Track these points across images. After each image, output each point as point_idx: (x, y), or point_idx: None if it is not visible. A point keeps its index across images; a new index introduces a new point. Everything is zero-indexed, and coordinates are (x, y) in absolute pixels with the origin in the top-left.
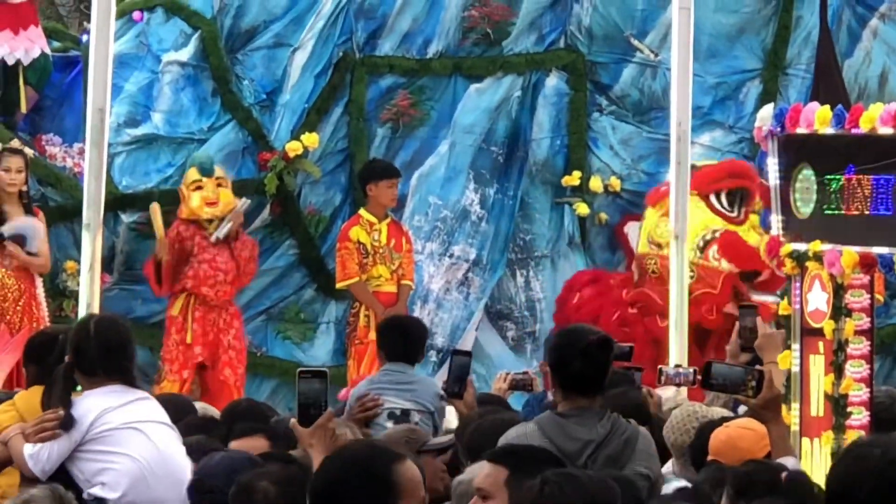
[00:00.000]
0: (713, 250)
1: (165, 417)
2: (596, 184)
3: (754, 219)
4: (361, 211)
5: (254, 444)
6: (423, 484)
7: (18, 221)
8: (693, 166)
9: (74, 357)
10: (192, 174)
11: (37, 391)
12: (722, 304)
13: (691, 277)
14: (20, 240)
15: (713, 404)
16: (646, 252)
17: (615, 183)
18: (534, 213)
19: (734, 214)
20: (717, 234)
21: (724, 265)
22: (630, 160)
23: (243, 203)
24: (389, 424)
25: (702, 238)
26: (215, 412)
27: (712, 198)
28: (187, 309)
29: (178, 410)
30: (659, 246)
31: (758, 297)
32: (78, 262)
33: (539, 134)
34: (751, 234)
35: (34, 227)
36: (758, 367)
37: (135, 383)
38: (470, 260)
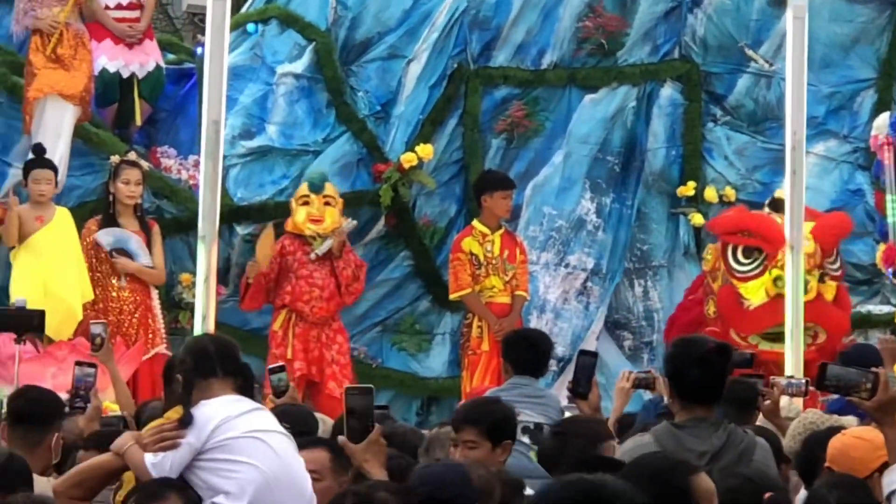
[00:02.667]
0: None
1: (281, 427)
2: (711, 194)
3: (774, 273)
4: (475, 222)
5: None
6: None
7: (115, 234)
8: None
9: (195, 362)
10: (303, 189)
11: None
12: None
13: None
14: (124, 252)
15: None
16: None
17: (730, 193)
18: (650, 223)
19: (747, 269)
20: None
21: None
22: (745, 170)
23: (349, 223)
24: (525, 439)
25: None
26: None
27: (729, 249)
28: (288, 324)
29: (297, 422)
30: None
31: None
32: (193, 274)
33: (654, 144)
34: (757, 292)
35: (131, 237)
36: (874, 369)
37: (251, 394)
38: (587, 269)
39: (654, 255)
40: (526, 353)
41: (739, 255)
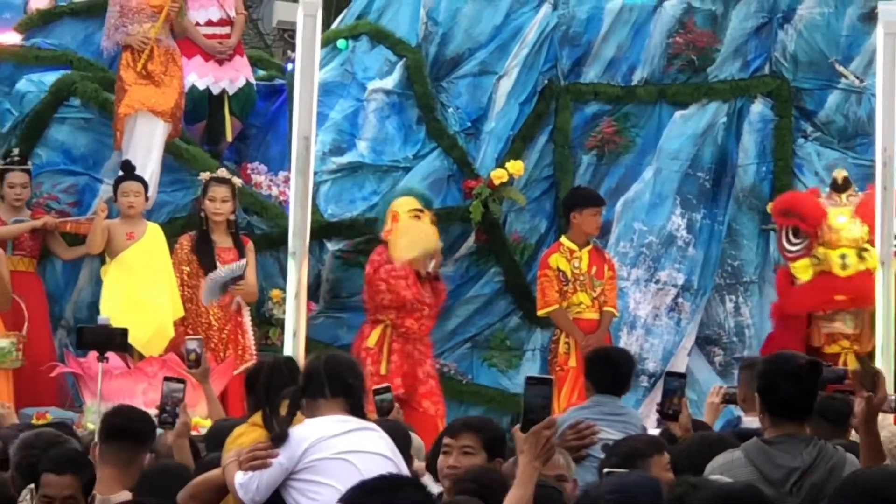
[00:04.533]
0: None
1: (385, 448)
2: None
3: (820, 252)
4: (562, 238)
5: None
6: None
7: (230, 266)
8: None
9: (305, 382)
10: (412, 202)
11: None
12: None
13: None
14: (239, 280)
15: None
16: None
17: None
18: (741, 239)
19: (797, 249)
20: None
21: None
22: None
23: (440, 245)
24: (602, 455)
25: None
26: (421, 444)
27: (783, 231)
28: (384, 340)
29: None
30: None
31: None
32: (283, 290)
33: (745, 160)
34: (805, 270)
35: (241, 265)
36: None
37: (360, 412)
38: (678, 285)
39: (744, 271)
40: (606, 372)
41: (791, 236)
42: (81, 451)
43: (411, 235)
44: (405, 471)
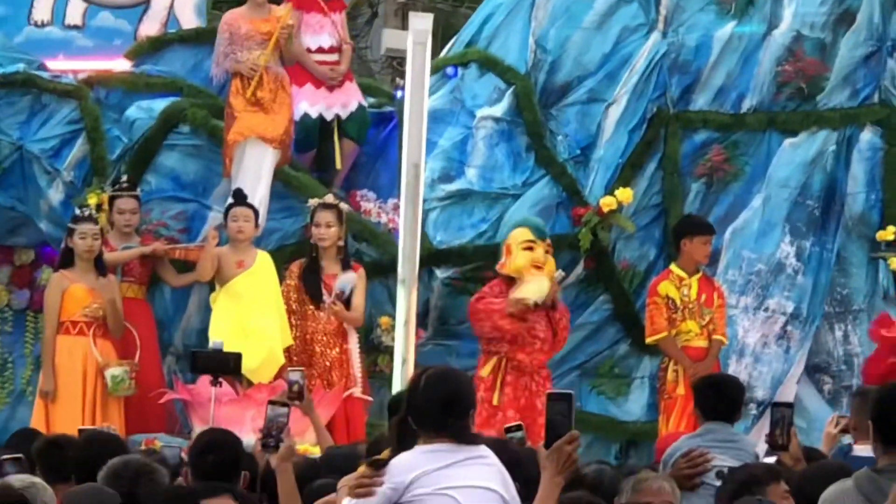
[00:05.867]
0: None
1: (493, 479)
2: None
3: None
4: (672, 266)
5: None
6: None
7: (343, 278)
8: None
9: (407, 411)
10: (525, 233)
11: None
12: None
13: None
14: (342, 297)
15: None
16: None
17: None
18: (850, 267)
19: None
20: None
21: None
22: None
23: (559, 274)
24: (717, 483)
25: None
26: None
27: None
28: (498, 371)
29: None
30: None
31: None
32: (392, 317)
33: (854, 188)
34: None
35: (351, 280)
36: None
37: (467, 439)
38: (787, 313)
39: (854, 300)
40: (714, 400)
41: None
42: (168, 484)
43: (531, 285)
44: (515, 500)
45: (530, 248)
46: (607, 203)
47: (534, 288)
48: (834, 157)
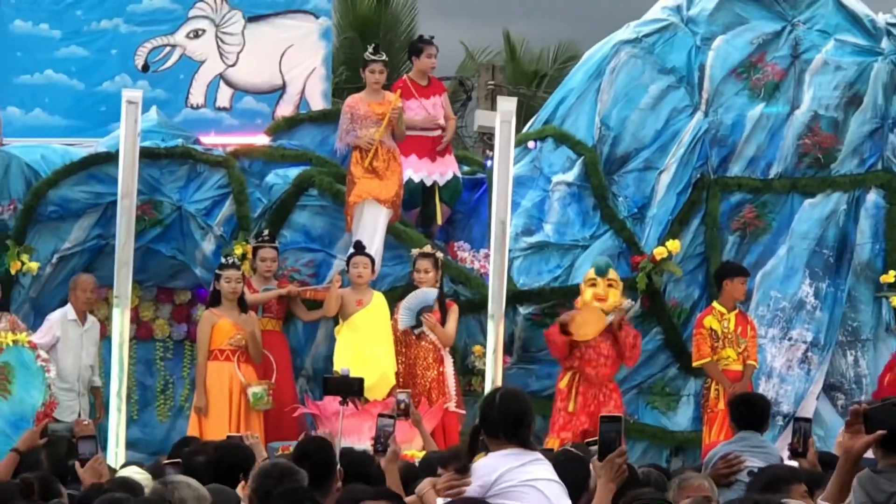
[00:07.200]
0: None
1: (555, 475)
2: None
3: None
4: (714, 303)
5: None
6: None
7: (420, 293)
8: None
9: (481, 422)
10: (590, 273)
11: None
12: None
13: None
14: (428, 310)
15: None
16: None
17: None
18: (859, 304)
19: None
20: None
21: None
22: None
23: (628, 303)
24: (748, 480)
25: None
26: None
27: None
28: (573, 383)
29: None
30: None
31: None
32: (484, 346)
33: (862, 240)
34: None
35: (432, 294)
36: None
37: (530, 446)
38: (807, 342)
39: (862, 331)
40: (746, 413)
41: None
42: (306, 487)
43: (586, 320)
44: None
45: (593, 285)
46: (659, 252)
47: (586, 331)
48: (845, 215)
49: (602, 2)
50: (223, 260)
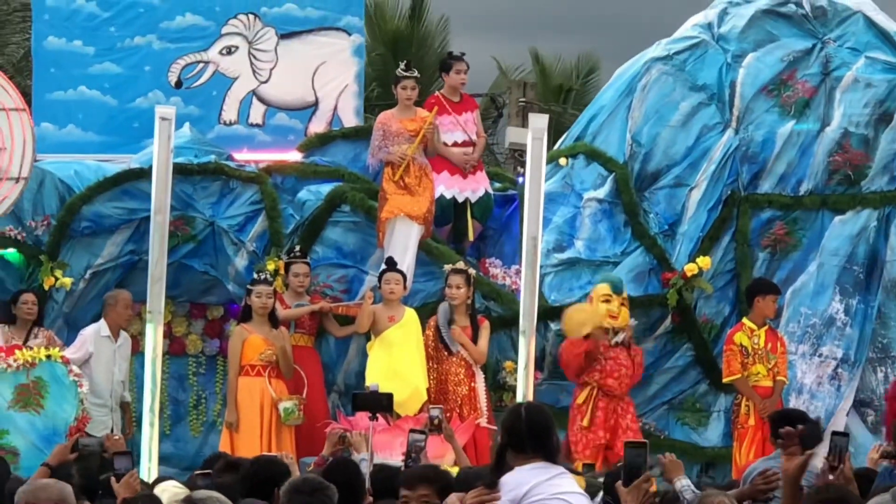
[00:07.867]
0: None
1: (580, 489)
2: None
3: None
4: (744, 319)
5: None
6: None
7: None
8: None
9: (507, 437)
10: (605, 288)
11: None
12: None
13: None
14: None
15: None
16: None
17: None
18: (889, 321)
19: None
20: None
21: None
22: None
23: (633, 322)
24: None
25: None
26: None
27: None
28: (591, 398)
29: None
30: None
31: None
32: (515, 362)
33: (891, 256)
34: None
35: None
36: None
37: (556, 460)
38: (837, 358)
39: (892, 347)
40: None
41: None
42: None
43: (581, 316)
44: None
45: (608, 301)
46: (690, 269)
47: (570, 327)
48: (875, 231)
49: (624, 17)
50: (254, 275)
